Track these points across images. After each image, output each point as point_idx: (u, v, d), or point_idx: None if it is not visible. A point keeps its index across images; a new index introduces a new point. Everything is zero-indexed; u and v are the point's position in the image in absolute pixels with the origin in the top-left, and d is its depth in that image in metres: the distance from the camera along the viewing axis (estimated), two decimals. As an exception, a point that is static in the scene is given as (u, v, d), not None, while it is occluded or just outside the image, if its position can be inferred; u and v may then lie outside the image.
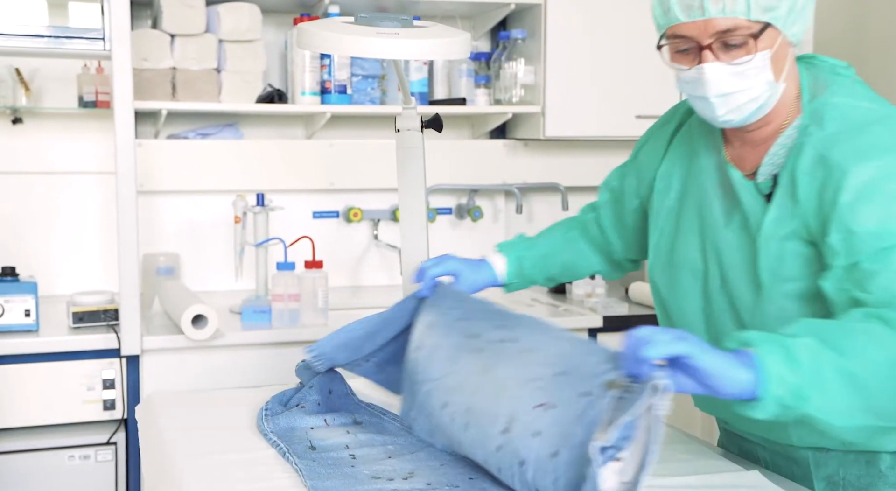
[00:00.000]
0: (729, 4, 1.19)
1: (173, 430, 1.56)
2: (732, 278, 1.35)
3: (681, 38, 1.24)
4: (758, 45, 1.21)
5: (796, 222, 1.26)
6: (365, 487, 1.28)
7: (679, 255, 1.44)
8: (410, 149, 1.83)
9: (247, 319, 2.50)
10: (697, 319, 1.42)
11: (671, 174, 1.47)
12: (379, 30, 1.33)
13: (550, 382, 1.21)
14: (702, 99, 1.26)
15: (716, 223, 1.37)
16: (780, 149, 1.28)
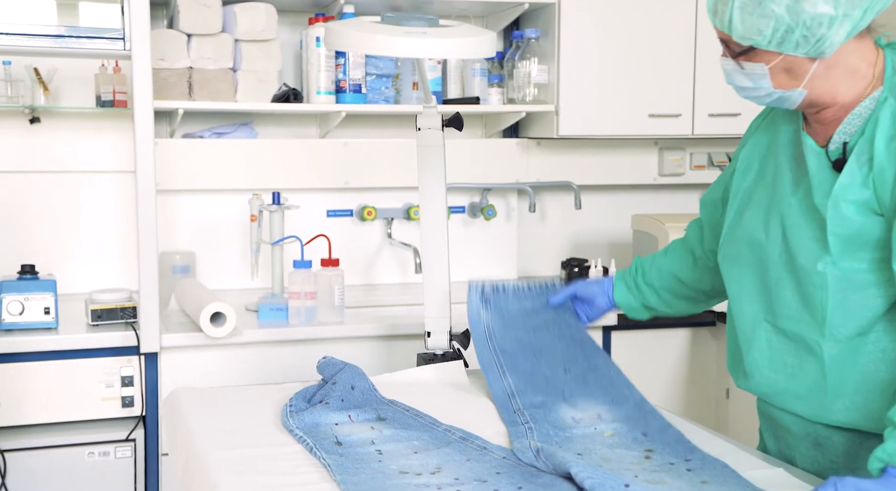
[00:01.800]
0: (720, 22, 1.34)
1: (200, 425, 1.57)
2: (794, 246, 1.39)
3: (720, 39, 1.39)
4: (751, 57, 1.33)
5: (868, 192, 1.30)
6: (393, 481, 1.30)
7: (743, 228, 1.49)
8: (431, 147, 1.84)
9: (263, 316, 2.51)
10: (754, 289, 1.46)
11: (752, 155, 1.54)
12: (406, 29, 1.34)
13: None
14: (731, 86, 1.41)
15: (783, 192, 1.42)
16: (854, 118, 1.34)
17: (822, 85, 1.34)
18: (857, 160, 1.32)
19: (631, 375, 2.74)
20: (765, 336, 1.45)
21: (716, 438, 1.51)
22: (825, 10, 1.26)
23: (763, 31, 1.29)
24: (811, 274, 1.35)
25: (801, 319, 1.39)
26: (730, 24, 1.32)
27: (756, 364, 1.47)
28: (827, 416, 1.39)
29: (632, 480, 1.25)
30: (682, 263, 1.74)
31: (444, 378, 1.86)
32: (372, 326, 2.49)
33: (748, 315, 1.48)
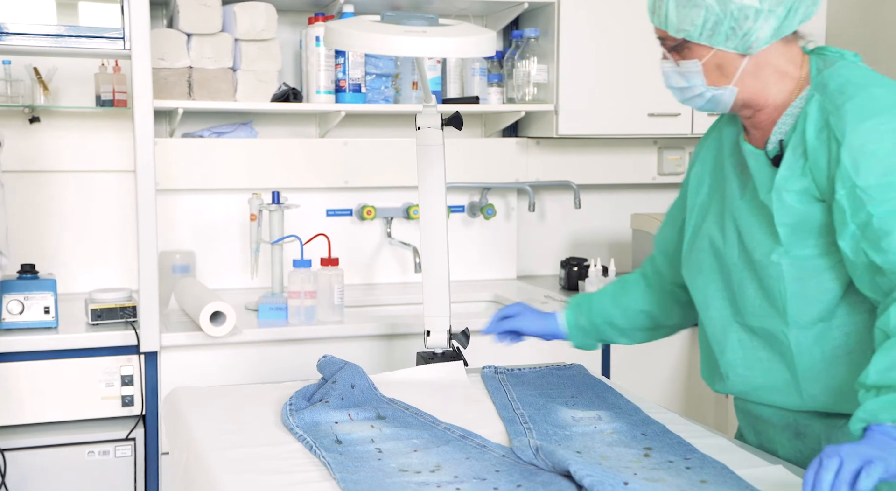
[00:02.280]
0: (657, 19, 1.41)
1: (200, 424, 1.57)
2: (749, 244, 1.44)
3: (658, 37, 1.46)
4: (685, 54, 1.40)
5: (807, 180, 1.37)
6: (393, 479, 1.30)
7: (702, 239, 1.55)
8: (430, 146, 1.84)
9: (263, 315, 2.52)
10: (719, 294, 1.51)
11: (703, 172, 1.59)
12: (406, 28, 1.34)
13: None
14: (667, 87, 1.49)
15: (733, 197, 1.49)
16: (788, 118, 1.42)
17: (753, 84, 1.40)
18: (793, 153, 1.39)
19: (631, 375, 2.77)
20: (736, 337, 1.50)
21: (715, 436, 1.51)
22: (751, 2, 1.34)
23: (695, 21, 1.36)
24: (767, 267, 1.41)
25: (766, 314, 1.44)
26: (666, 17, 1.39)
27: (731, 365, 1.51)
28: (803, 403, 1.44)
29: (631, 478, 1.25)
30: (653, 299, 1.76)
31: (444, 377, 1.87)
32: (371, 325, 2.49)
33: (717, 320, 1.53)
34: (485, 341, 2.50)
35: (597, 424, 1.54)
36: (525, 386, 1.77)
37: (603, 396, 1.70)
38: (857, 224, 1.30)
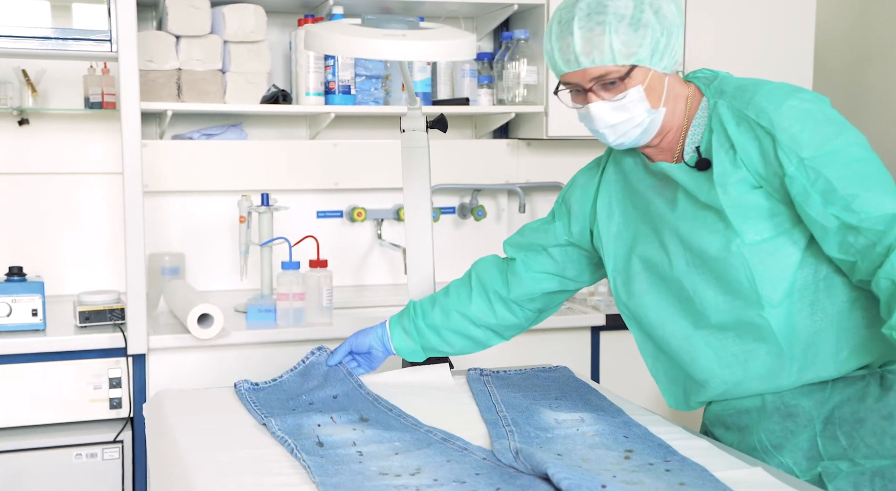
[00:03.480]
0: (597, 56, 1.41)
1: (181, 427, 1.57)
2: (700, 247, 1.47)
3: (568, 84, 1.47)
4: (628, 83, 1.42)
5: (741, 171, 1.42)
6: (372, 483, 1.30)
7: (636, 264, 1.58)
8: (416, 149, 1.84)
9: (252, 318, 2.52)
10: (673, 308, 1.53)
11: (610, 203, 1.64)
12: (386, 31, 1.34)
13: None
14: (595, 131, 1.48)
15: (663, 214, 1.53)
16: (696, 129, 1.48)
17: (670, 105, 1.47)
18: (720, 150, 1.44)
19: (619, 376, 2.77)
20: (703, 341, 1.51)
21: (697, 438, 1.51)
22: (675, 18, 1.43)
23: (643, 43, 1.40)
24: (728, 259, 1.44)
25: (732, 307, 1.46)
26: (610, 49, 1.39)
27: (707, 370, 1.52)
28: (797, 379, 1.47)
29: (609, 481, 1.25)
30: (481, 305, 1.80)
31: (429, 379, 1.87)
32: (359, 326, 2.48)
33: (679, 333, 1.54)
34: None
35: (579, 427, 1.54)
36: (510, 388, 1.77)
37: (587, 399, 1.70)
38: (818, 192, 1.36)
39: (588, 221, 1.68)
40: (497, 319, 1.80)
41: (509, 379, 1.84)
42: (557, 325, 2.65)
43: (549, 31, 1.47)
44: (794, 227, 1.42)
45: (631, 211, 1.60)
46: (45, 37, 2.36)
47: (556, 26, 1.45)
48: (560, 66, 1.45)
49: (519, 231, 1.81)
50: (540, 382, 1.81)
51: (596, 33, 1.40)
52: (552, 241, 1.74)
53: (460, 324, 1.81)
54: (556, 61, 1.46)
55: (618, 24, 1.40)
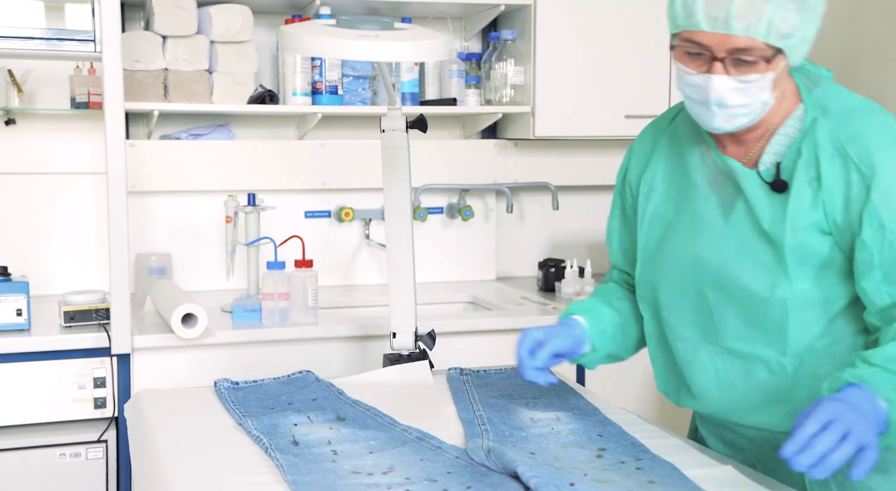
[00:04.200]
0: (752, 24, 1.23)
1: (160, 426, 1.58)
2: (739, 272, 1.36)
3: (694, 44, 1.28)
4: (766, 67, 1.27)
5: (818, 214, 1.30)
6: (344, 481, 1.30)
7: (669, 253, 1.47)
8: (395, 149, 1.85)
9: (237, 317, 2.52)
10: (689, 313, 1.45)
11: (654, 177, 1.50)
12: (359, 32, 1.35)
13: None
14: (702, 104, 1.31)
15: (712, 219, 1.40)
16: (783, 138, 1.34)
17: (776, 100, 1.34)
18: (804, 182, 1.31)
19: (604, 377, 2.77)
20: (708, 358, 1.44)
21: (670, 437, 1.52)
22: (820, 6, 1.30)
23: (802, 27, 1.26)
24: (769, 301, 1.34)
25: (749, 339, 1.38)
26: (769, 24, 1.23)
27: (703, 388, 1.46)
28: (783, 424, 1.38)
29: (580, 479, 1.26)
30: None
31: (409, 379, 1.87)
32: (345, 326, 2.50)
33: (687, 340, 1.47)
34: (453, 344, 2.52)
35: (554, 425, 1.54)
36: (489, 387, 1.78)
37: (564, 397, 1.70)
38: (882, 268, 1.26)
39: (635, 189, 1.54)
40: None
41: (489, 378, 1.84)
42: (541, 325, 2.64)
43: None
44: (843, 282, 1.33)
45: (674, 195, 1.47)
46: (30, 37, 2.36)
47: None
48: (698, 20, 1.25)
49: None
50: (519, 381, 1.81)
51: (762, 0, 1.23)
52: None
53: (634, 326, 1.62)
54: (694, 13, 1.26)
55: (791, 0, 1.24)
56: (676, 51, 1.32)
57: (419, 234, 3.12)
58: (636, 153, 1.56)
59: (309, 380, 1.81)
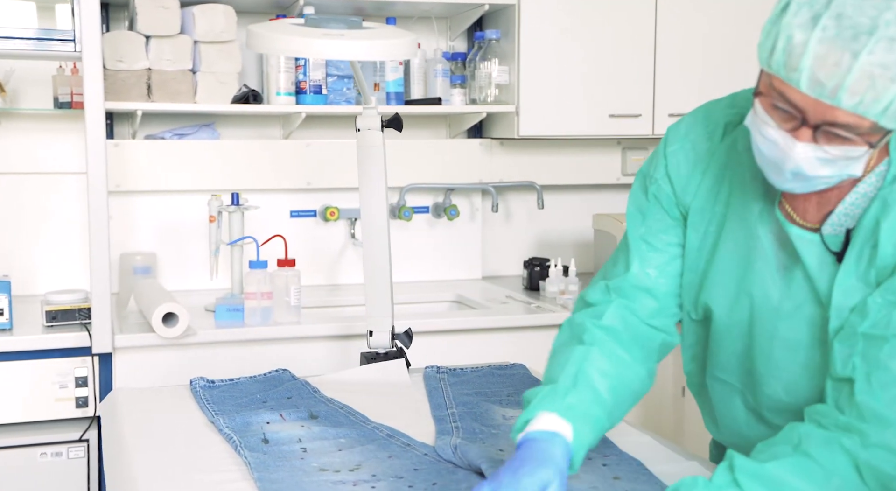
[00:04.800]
0: (867, 102, 1.00)
1: (132, 424, 1.58)
2: (786, 334, 1.21)
3: (785, 100, 1.05)
4: (868, 144, 1.05)
5: (869, 291, 1.12)
6: (311, 478, 1.31)
7: (715, 295, 1.28)
8: (371, 148, 1.85)
9: (220, 316, 2.53)
10: (736, 364, 1.30)
11: (706, 208, 1.28)
12: (325, 31, 1.36)
13: None
14: (773, 166, 1.10)
15: (770, 275, 1.22)
16: (859, 198, 1.14)
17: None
18: (859, 252, 1.13)
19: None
20: (744, 419, 1.32)
21: (640, 434, 1.52)
22: None
23: None
24: (802, 366, 1.22)
25: (791, 415, 1.23)
26: (888, 105, 0.99)
27: (731, 430, 1.35)
28: None
29: None
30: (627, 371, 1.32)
31: (386, 377, 1.88)
32: (327, 325, 2.50)
33: (722, 392, 1.33)
34: (437, 342, 2.53)
35: None
36: (464, 385, 1.78)
37: None
38: (864, 334, 1.10)
39: (683, 203, 1.30)
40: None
41: (465, 376, 1.85)
42: (524, 323, 2.65)
43: (806, 18, 1.01)
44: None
45: (727, 233, 1.25)
46: (9, 37, 2.36)
47: (832, 23, 0.99)
48: (798, 78, 1.01)
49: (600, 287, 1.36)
50: (494, 380, 1.82)
51: (888, 75, 0.98)
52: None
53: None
54: (796, 67, 1.01)
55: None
56: (761, 94, 1.08)
57: (405, 233, 3.13)
58: (681, 173, 1.30)
59: (285, 378, 1.81)
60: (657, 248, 1.32)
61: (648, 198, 1.33)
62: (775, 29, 1.04)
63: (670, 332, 1.35)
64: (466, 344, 2.60)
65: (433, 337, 2.56)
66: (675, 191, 1.30)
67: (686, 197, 1.29)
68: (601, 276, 1.38)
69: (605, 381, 1.25)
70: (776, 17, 1.05)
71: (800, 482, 1.07)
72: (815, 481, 1.07)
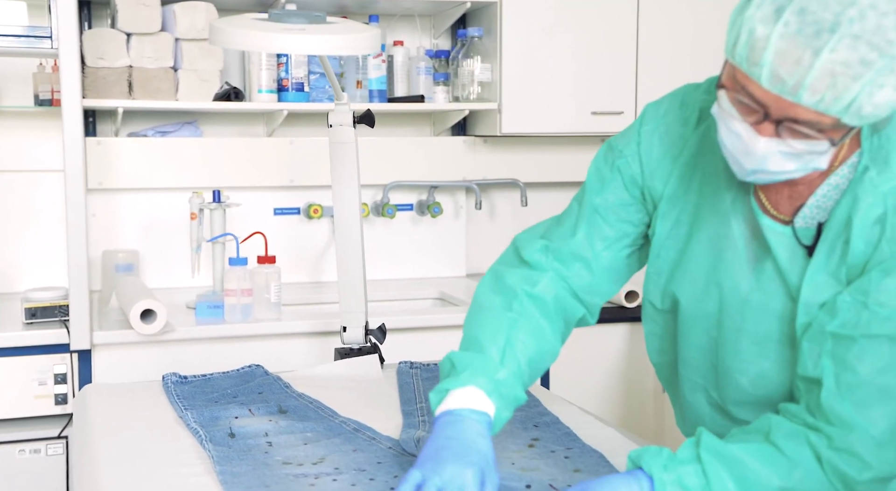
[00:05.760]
0: (828, 100, 0.97)
1: (102, 418, 1.59)
2: (754, 327, 1.20)
3: (747, 94, 1.03)
4: (831, 141, 1.03)
5: (840, 288, 1.10)
6: (273, 471, 1.31)
7: (684, 285, 1.26)
8: (342, 144, 1.86)
9: (200, 313, 2.53)
10: (701, 357, 1.28)
11: (678, 196, 1.26)
12: (286, 26, 1.36)
13: None
14: (736, 157, 1.08)
15: (739, 267, 1.20)
16: (830, 190, 1.12)
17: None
18: (830, 247, 1.11)
19: (568, 370, 2.78)
20: (707, 413, 1.30)
21: (605, 428, 1.53)
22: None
23: (886, 104, 0.98)
24: (777, 362, 1.19)
25: (755, 408, 1.22)
26: (850, 104, 0.97)
27: (695, 424, 1.33)
28: None
29: (505, 467, 1.27)
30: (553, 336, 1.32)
31: (359, 372, 1.88)
32: (307, 322, 2.51)
33: (686, 386, 1.31)
34: (419, 339, 2.53)
35: None
36: (436, 381, 1.79)
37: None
38: (832, 333, 1.08)
39: (652, 189, 1.28)
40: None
41: (437, 372, 1.85)
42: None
43: (769, 11, 0.98)
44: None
45: (700, 223, 1.23)
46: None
47: (794, 19, 0.96)
48: (759, 72, 0.99)
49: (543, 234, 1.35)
50: None
51: (850, 74, 0.96)
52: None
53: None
54: (757, 61, 0.99)
55: (889, 75, 0.96)
56: (728, 100, 1.06)
57: (389, 231, 3.13)
58: (653, 155, 1.27)
59: (257, 374, 1.81)
60: (610, 222, 1.31)
61: (612, 169, 1.30)
62: (739, 20, 1.02)
63: (592, 311, 1.35)
64: (449, 341, 2.56)
65: (416, 334, 2.57)
66: (643, 171, 1.28)
67: (653, 180, 1.27)
68: (543, 230, 1.36)
69: (526, 355, 1.26)
70: (741, 7, 1.03)
71: (761, 467, 1.08)
72: (777, 469, 1.08)
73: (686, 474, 1.07)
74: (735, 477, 1.07)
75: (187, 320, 2.51)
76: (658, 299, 1.31)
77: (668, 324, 1.33)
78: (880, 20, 0.95)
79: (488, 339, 1.26)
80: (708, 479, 1.07)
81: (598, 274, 1.32)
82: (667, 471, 1.07)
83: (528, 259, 1.33)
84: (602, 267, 1.32)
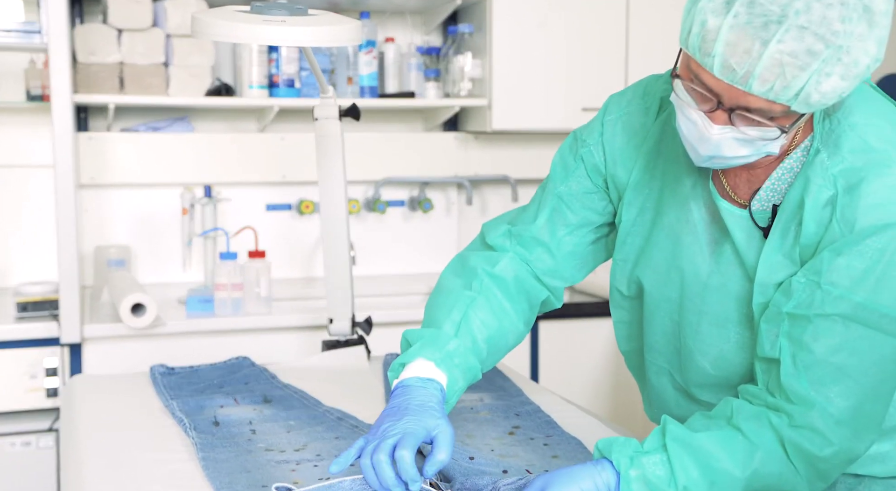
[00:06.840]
0: (777, 89, 1.00)
1: (88, 409, 1.60)
2: (714, 310, 1.21)
3: (700, 82, 1.05)
4: (777, 127, 1.05)
5: (795, 268, 1.12)
6: (255, 457, 1.33)
7: (647, 270, 1.28)
8: (328, 137, 1.87)
9: (191, 308, 2.54)
10: (664, 341, 1.30)
11: (643, 183, 1.27)
12: (266, 18, 1.37)
13: None
14: (692, 144, 1.10)
15: (699, 250, 1.22)
16: (785, 173, 1.14)
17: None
18: (784, 229, 1.13)
19: (558, 365, 2.80)
20: (672, 397, 1.33)
21: (586, 416, 1.54)
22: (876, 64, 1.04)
23: (844, 91, 1.01)
24: (735, 344, 1.21)
25: (717, 389, 1.24)
26: (798, 92, 1.00)
27: (660, 409, 1.36)
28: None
29: (484, 454, 1.28)
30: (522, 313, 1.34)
31: (345, 364, 1.90)
32: (296, 316, 2.52)
33: (652, 371, 1.33)
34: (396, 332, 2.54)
35: (475, 405, 1.57)
36: None
37: (491, 380, 1.73)
38: (789, 314, 1.10)
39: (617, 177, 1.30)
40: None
41: None
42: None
43: (720, 2, 1.00)
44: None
45: (663, 208, 1.25)
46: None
47: (743, 10, 0.99)
48: (711, 62, 1.01)
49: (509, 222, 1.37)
50: None
51: (797, 64, 0.98)
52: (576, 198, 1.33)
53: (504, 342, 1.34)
54: (709, 51, 1.01)
55: (835, 64, 0.99)
56: (683, 88, 1.08)
57: (380, 226, 3.15)
58: (616, 144, 1.29)
59: (244, 365, 1.83)
60: (574, 209, 1.33)
61: (576, 158, 1.33)
62: (693, 11, 1.04)
63: (557, 294, 1.37)
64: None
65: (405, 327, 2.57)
66: (605, 160, 1.31)
67: (616, 169, 1.30)
68: (510, 217, 1.39)
69: (484, 331, 1.27)
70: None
71: (724, 455, 1.09)
72: (739, 455, 1.09)
73: (651, 464, 1.08)
74: (699, 464, 1.08)
75: (178, 314, 2.52)
76: (624, 286, 1.33)
77: (634, 311, 1.35)
78: (825, 11, 0.98)
79: (444, 315, 1.29)
80: (672, 468, 1.08)
81: (561, 259, 1.34)
82: (633, 465, 1.08)
83: (492, 243, 1.37)
84: (564, 252, 1.34)
